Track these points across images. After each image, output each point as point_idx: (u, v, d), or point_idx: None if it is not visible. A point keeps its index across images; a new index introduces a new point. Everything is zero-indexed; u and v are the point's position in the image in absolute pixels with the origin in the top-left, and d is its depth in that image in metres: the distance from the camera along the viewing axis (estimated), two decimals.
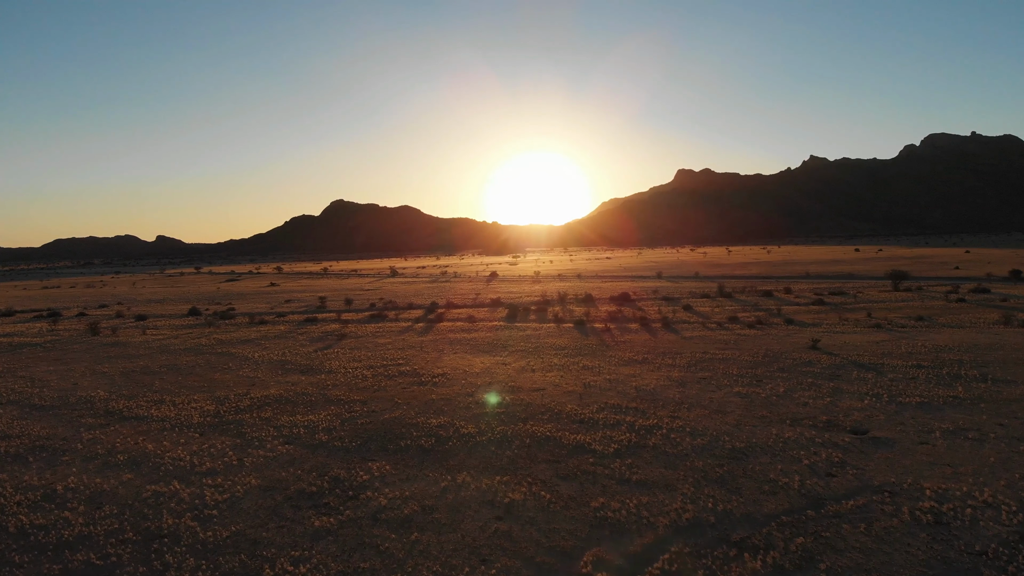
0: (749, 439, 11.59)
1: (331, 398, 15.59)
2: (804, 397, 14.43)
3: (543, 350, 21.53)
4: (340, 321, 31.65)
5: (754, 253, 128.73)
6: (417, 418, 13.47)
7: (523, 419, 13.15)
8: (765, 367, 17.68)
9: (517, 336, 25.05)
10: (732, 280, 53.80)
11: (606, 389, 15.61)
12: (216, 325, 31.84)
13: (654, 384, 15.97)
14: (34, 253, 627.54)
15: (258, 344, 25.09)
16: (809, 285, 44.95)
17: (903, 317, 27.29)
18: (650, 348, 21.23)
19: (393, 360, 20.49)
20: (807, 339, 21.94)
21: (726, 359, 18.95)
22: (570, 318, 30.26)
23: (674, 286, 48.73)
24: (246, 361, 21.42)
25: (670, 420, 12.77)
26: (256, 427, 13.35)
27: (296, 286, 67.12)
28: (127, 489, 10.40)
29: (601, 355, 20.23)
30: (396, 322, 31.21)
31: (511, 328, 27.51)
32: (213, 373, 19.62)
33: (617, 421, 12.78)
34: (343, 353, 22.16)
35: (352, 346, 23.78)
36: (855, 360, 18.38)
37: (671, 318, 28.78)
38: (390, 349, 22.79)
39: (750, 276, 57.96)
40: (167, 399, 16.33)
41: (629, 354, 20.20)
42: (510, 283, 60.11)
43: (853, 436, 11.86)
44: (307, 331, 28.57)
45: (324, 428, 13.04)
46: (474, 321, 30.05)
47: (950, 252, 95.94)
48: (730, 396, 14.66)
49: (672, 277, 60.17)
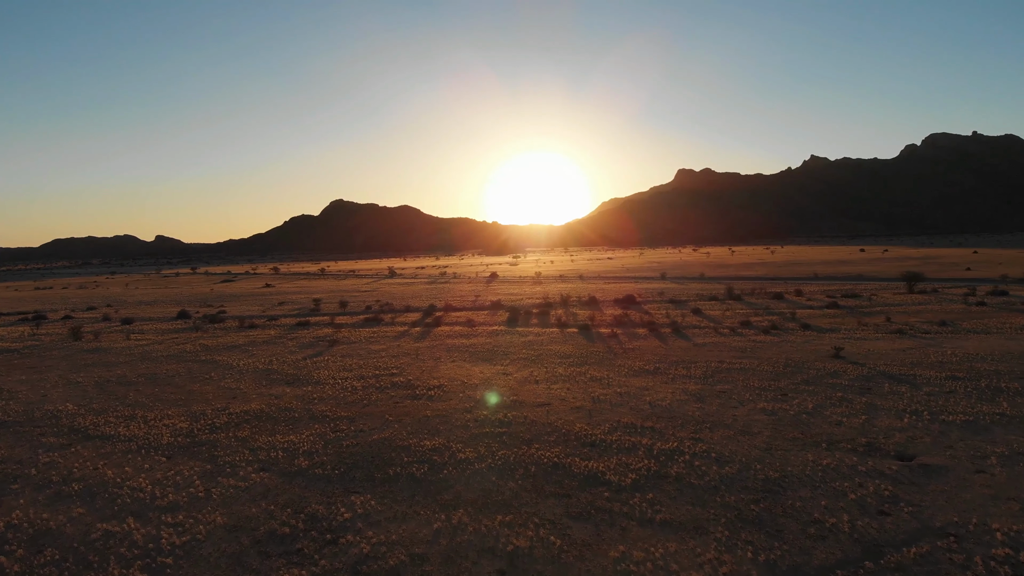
0: (783, 467, 10.24)
1: (316, 414, 14.24)
2: (836, 415, 13.09)
3: (547, 358, 20.18)
4: (333, 325, 30.31)
5: (757, 253, 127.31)
6: (409, 439, 12.12)
7: (527, 441, 11.80)
8: (788, 378, 16.33)
9: (519, 342, 23.70)
10: (738, 281, 52.46)
11: (617, 404, 14.27)
12: (204, 329, 30.49)
13: (669, 399, 14.62)
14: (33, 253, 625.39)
15: (245, 351, 23.74)
16: (819, 287, 43.61)
17: (925, 322, 25.95)
18: (661, 356, 19.88)
19: (386, 369, 19.14)
20: (828, 346, 20.59)
21: (744, 369, 17.60)
22: (574, 322, 28.91)
23: (680, 288, 47.39)
24: (230, 370, 20.07)
25: (692, 443, 11.42)
26: (230, 449, 12.00)
27: (291, 287, 65.76)
28: (76, 527, 9.06)
29: (609, 364, 18.88)
30: (392, 326, 29.87)
31: (512, 333, 26.17)
32: (193, 384, 18.28)
33: (632, 444, 11.43)
34: (333, 361, 20.81)
35: (344, 353, 22.42)
36: (884, 371, 17.03)
37: (680, 322, 27.42)
38: (384, 356, 21.44)
39: (756, 277, 56.62)
40: (139, 414, 14.99)
41: (639, 363, 18.85)
42: (510, 284, 58.78)
43: (900, 463, 10.53)
44: (297, 336, 27.22)
45: (305, 451, 11.69)
46: (473, 325, 28.70)
47: (957, 252, 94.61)
48: (755, 413, 13.31)
49: (676, 278, 58.83)
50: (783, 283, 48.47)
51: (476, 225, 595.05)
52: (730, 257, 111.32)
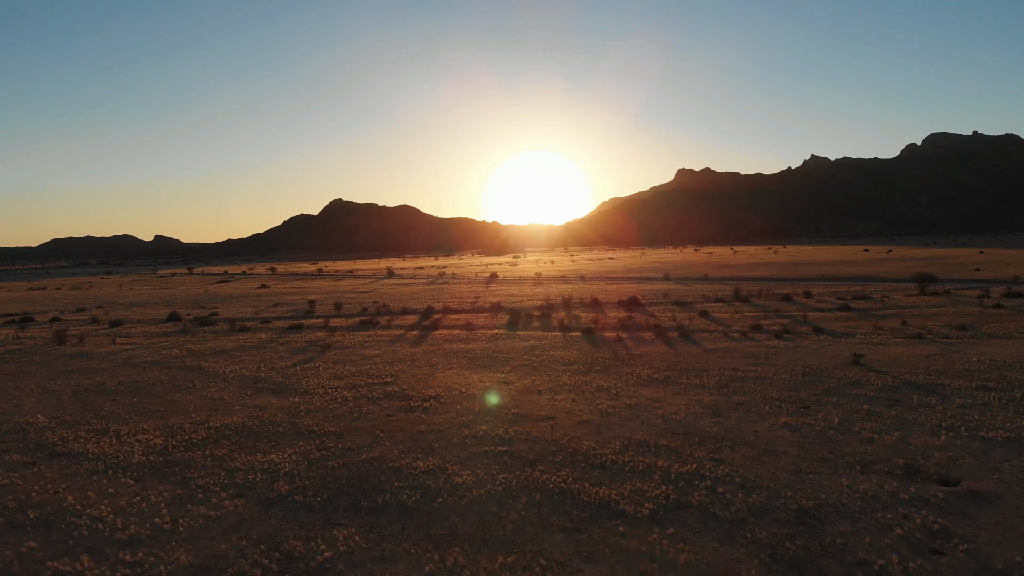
0: (817, 494, 9.19)
1: (301, 429, 13.18)
2: (866, 431, 12.03)
3: (550, 365, 19.12)
4: (327, 328, 29.23)
5: (760, 253, 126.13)
6: (401, 459, 11.06)
7: (530, 461, 10.74)
8: (808, 388, 15.28)
9: (520, 347, 22.64)
10: (743, 282, 51.41)
11: (627, 418, 13.20)
12: (193, 333, 29.42)
13: (683, 412, 13.56)
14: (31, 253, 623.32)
15: (233, 356, 22.67)
16: (827, 288, 42.56)
17: (943, 326, 24.90)
18: (671, 363, 18.82)
19: (380, 377, 18.07)
20: (847, 353, 19.54)
21: (761, 378, 16.55)
22: (577, 325, 27.85)
23: (684, 289, 46.32)
24: (215, 378, 19.00)
25: (712, 465, 10.36)
26: (205, 471, 10.94)
27: (287, 288, 64.66)
28: (24, 566, 8.01)
29: (616, 372, 17.81)
30: (388, 329, 28.80)
31: (513, 337, 25.11)
32: (175, 393, 17.22)
33: (647, 466, 10.37)
34: (324, 368, 19.74)
35: (336, 359, 21.36)
36: (909, 380, 15.98)
37: (688, 326, 26.36)
38: (378, 363, 20.37)
39: (762, 278, 55.56)
40: (112, 428, 13.94)
41: (648, 371, 17.78)
42: (510, 285, 57.71)
43: (944, 489, 9.48)
44: (289, 340, 26.15)
45: (286, 473, 10.63)
46: (472, 329, 27.64)
47: (963, 252, 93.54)
48: (777, 429, 12.25)
49: (680, 279, 57.76)
50: (790, 284, 47.42)
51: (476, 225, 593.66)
52: (733, 257, 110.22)
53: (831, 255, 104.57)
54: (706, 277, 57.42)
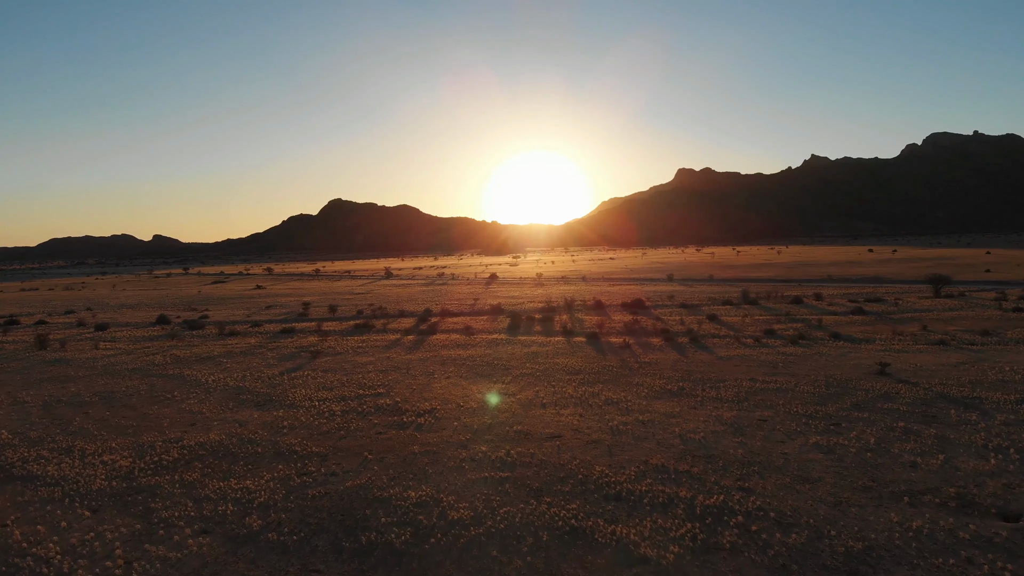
0: (864, 533, 8.02)
1: (283, 449, 12.01)
2: (907, 453, 10.87)
3: (554, 374, 17.94)
4: (320, 333, 28.05)
5: (763, 254, 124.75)
6: (390, 487, 9.89)
7: (536, 491, 9.57)
8: (835, 402, 14.11)
9: (521, 354, 21.47)
10: (749, 284, 50.23)
11: (641, 437, 12.03)
12: (180, 337, 28.24)
13: (703, 429, 12.39)
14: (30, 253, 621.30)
15: (218, 363, 21.49)
16: (837, 290, 41.38)
17: (965, 331, 23.75)
18: (683, 373, 17.64)
19: (372, 388, 16.90)
20: (869, 361, 18.38)
21: (782, 389, 15.38)
22: (581, 330, 26.67)
23: (689, 290, 45.14)
24: (196, 387, 17.83)
25: (742, 496, 9.18)
26: (171, 500, 9.77)
27: (283, 289, 63.44)
28: None
29: (626, 382, 16.64)
30: (383, 334, 27.62)
31: (514, 343, 23.94)
32: (151, 406, 16.05)
33: (668, 497, 9.20)
34: (313, 378, 18.56)
35: (326, 367, 20.18)
36: (943, 392, 14.81)
37: (697, 331, 25.20)
38: (370, 371, 19.19)
39: (768, 279, 54.38)
40: (78, 447, 12.77)
41: (660, 381, 16.61)
42: (511, 286, 56.53)
43: (1007, 525, 8.31)
44: (279, 346, 24.97)
45: (261, 504, 9.46)
46: (471, 333, 26.47)
47: (970, 253, 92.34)
48: (808, 450, 11.09)
49: (684, 280, 56.56)
50: (797, 286, 46.23)
51: (475, 225, 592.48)
52: (736, 257, 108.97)
53: (835, 255, 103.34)
54: (711, 278, 56.22)
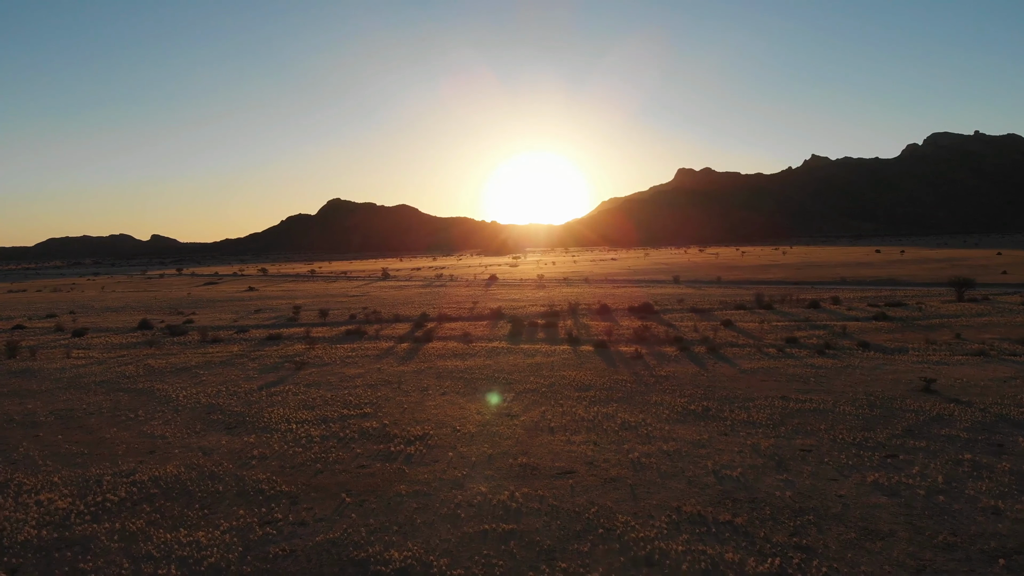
0: None
1: (248, 487, 10.23)
2: (984, 495, 9.11)
3: (561, 391, 16.17)
4: (308, 340, 26.28)
5: (768, 254, 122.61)
6: (369, 543, 8.12)
7: (548, 552, 7.80)
8: (884, 427, 12.34)
9: (524, 365, 19.70)
10: (759, 286, 48.48)
11: (669, 473, 10.26)
12: (159, 345, 26.46)
13: (739, 463, 10.62)
14: (28, 252, 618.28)
15: (194, 376, 19.71)
16: (853, 293, 39.61)
17: (1002, 340, 22.01)
18: (705, 389, 15.87)
19: (358, 407, 15.12)
20: (910, 375, 16.62)
21: (820, 410, 13.61)
22: (588, 337, 24.91)
23: (698, 293, 43.35)
24: (165, 405, 16.05)
25: (802, 560, 7.41)
26: (104, 559, 8.00)
27: (276, 291, 61.60)
28: None
29: (642, 401, 14.87)
30: (376, 341, 25.86)
31: (516, 352, 22.17)
32: (110, 427, 14.28)
33: (712, 562, 7.42)
34: (295, 394, 16.78)
35: (311, 380, 18.40)
36: (1002, 414, 13.06)
37: (714, 339, 23.44)
38: (358, 386, 17.41)
39: (778, 281, 52.60)
40: (16, 480, 11.02)
41: (681, 399, 14.84)
42: (511, 288, 54.74)
43: None
44: (263, 355, 23.19)
45: (211, 567, 7.68)
46: (470, 341, 24.70)
47: (980, 254, 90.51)
48: (868, 492, 9.32)
49: (691, 282, 54.74)
50: (810, 288, 44.45)
51: (475, 225, 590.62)
52: (740, 258, 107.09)
53: (842, 256, 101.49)
54: (719, 280, 54.39)
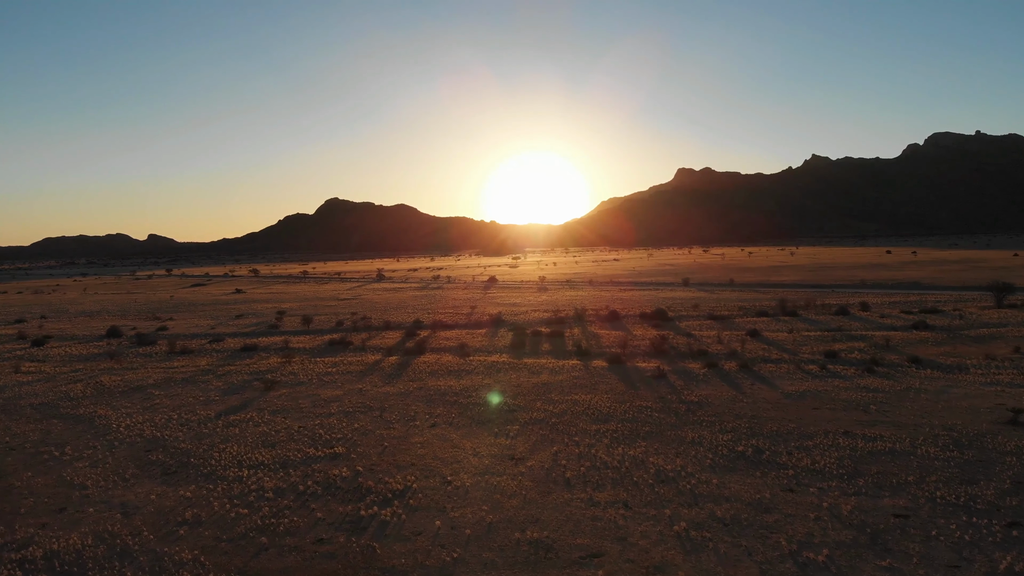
0: None
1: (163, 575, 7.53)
2: None
3: (575, 422, 13.49)
4: (285, 351, 23.59)
5: (777, 255, 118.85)
6: None
7: None
8: (987, 477, 9.68)
9: (529, 385, 17.02)
10: (775, 290, 45.81)
11: (733, 559, 7.58)
12: (121, 356, 23.74)
13: (820, 538, 7.93)
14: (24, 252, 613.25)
15: (147, 397, 17.02)
16: (879, 297, 36.92)
17: None
18: (750, 421, 13.18)
19: (328, 444, 12.43)
20: (986, 402, 13.97)
21: (897, 453, 10.93)
22: (599, 349, 22.23)
23: (712, 297, 40.59)
24: (100, 439, 13.36)
25: None
26: None
27: (263, 293, 58.69)
28: None
29: (676, 438, 12.18)
30: (361, 353, 23.18)
31: (518, 368, 19.49)
32: (25, 471, 11.62)
33: None
34: (255, 424, 14.08)
35: (278, 405, 15.70)
36: None
37: (742, 352, 20.77)
38: (333, 414, 14.72)
39: (794, 284, 49.88)
40: None
41: (723, 435, 12.16)
42: (511, 291, 51.98)
43: None
44: (231, 371, 20.48)
45: None
46: (467, 354, 22.02)
47: (997, 256, 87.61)
48: None
49: (702, 285, 51.92)
50: (831, 292, 41.74)
51: (474, 224, 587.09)
52: (748, 259, 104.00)
53: (853, 257, 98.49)
54: (731, 283, 51.53)
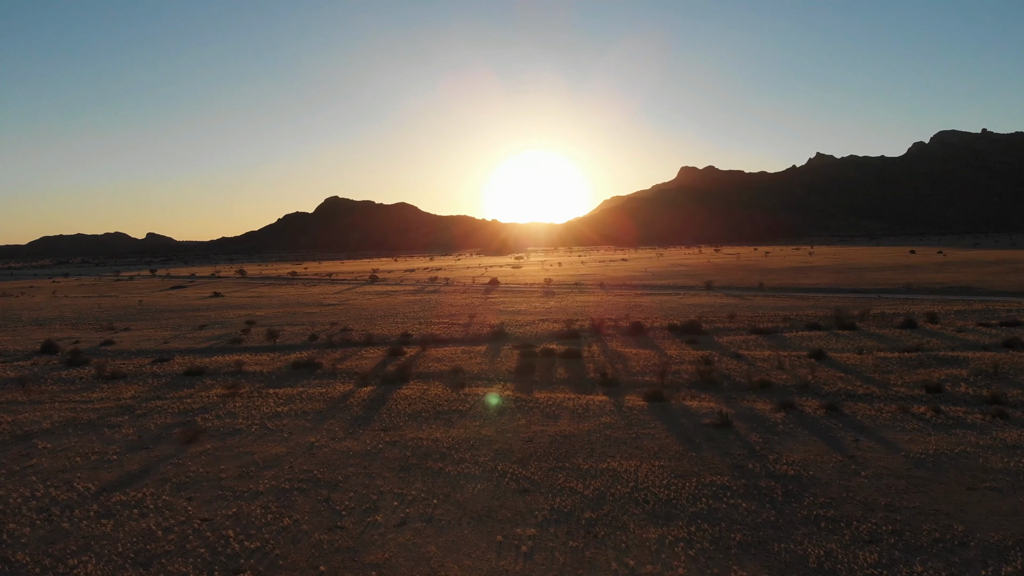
0: None
1: None
2: None
3: (620, 519, 8.79)
4: (234, 377, 18.91)
5: (794, 255, 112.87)
6: None
7: None
8: None
9: (544, 440, 12.32)
10: (812, 295, 41.06)
11: None
12: (33, 383, 19.04)
13: None
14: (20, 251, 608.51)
15: (26, 451, 12.35)
16: (938, 306, 32.12)
17: None
18: (884, 513, 8.46)
19: (229, 569, 7.72)
20: None
21: None
22: (629, 377, 17.53)
23: (744, 304, 35.74)
24: None
25: None
26: None
27: (242, 297, 53.78)
28: None
29: (790, 558, 7.50)
30: (328, 381, 18.50)
31: (527, 407, 14.79)
32: None
33: None
34: (141, 513, 9.38)
35: (188, 476, 11.00)
36: None
37: (814, 381, 16.06)
38: (259, 495, 10.01)
39: (829, 289, 45.03)
40: None
41: (863, 550, 7.46)
42: (515, 295, 47.21)
43: None
44: (156, 408, 15.78)
45: None
46: (460, 384, 17.30)
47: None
48: None
49: (728, 289, 46.94)
50: (877, 298, 36.92)
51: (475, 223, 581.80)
52: (765, 260, 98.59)
53: (877, 257, 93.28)
54: (761, 287, 46.51)
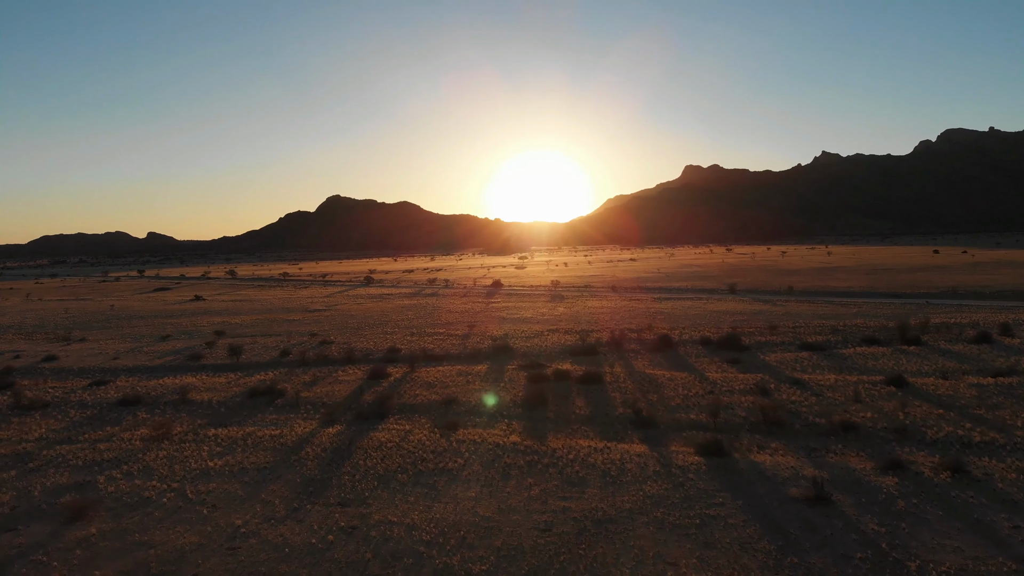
0: None
1: None
2: None
3: None
4: (174, 410, 15.27)
5: (812, 256, 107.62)
6: None
7: None
8: None
9: (566, 524, 8.71)
10: (850, 301, 37.28)
11: None
12: None
13: None
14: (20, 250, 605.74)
15: None
16: (998, 315, 28.33)
17: None
18: None
19: None
20: None
21: None
22: (669, 414, 13.85)
23: (779, 312, 31.83)
24: None
25: None
26: None
27: (223, 302, 49.82)
28: None
29: None
30: (288, 415, 14.86)
31: (540, 464, 11.16)
32: None
33: None
34: None
35: None
36: None
37: (909, 423, 12.35)
38: None
39: (863, 293, 41.15)
40: None
41: None
42: (519, 299, 43.42)
43: None
44: (56, 458, 12.16)
45: None
46: (453, 424, 13.62)
47: None
48: None
49: (755, 293, 42.87)
50: (926, 304, 33.05)
51: (478, 222, 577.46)
52: (782, 260, 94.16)
53: (899, 258, 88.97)
54: (791, 291, 42.41)
